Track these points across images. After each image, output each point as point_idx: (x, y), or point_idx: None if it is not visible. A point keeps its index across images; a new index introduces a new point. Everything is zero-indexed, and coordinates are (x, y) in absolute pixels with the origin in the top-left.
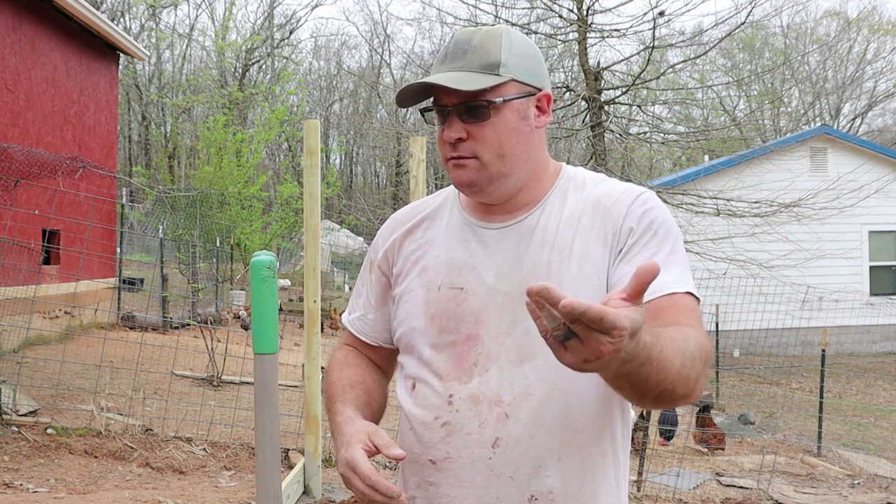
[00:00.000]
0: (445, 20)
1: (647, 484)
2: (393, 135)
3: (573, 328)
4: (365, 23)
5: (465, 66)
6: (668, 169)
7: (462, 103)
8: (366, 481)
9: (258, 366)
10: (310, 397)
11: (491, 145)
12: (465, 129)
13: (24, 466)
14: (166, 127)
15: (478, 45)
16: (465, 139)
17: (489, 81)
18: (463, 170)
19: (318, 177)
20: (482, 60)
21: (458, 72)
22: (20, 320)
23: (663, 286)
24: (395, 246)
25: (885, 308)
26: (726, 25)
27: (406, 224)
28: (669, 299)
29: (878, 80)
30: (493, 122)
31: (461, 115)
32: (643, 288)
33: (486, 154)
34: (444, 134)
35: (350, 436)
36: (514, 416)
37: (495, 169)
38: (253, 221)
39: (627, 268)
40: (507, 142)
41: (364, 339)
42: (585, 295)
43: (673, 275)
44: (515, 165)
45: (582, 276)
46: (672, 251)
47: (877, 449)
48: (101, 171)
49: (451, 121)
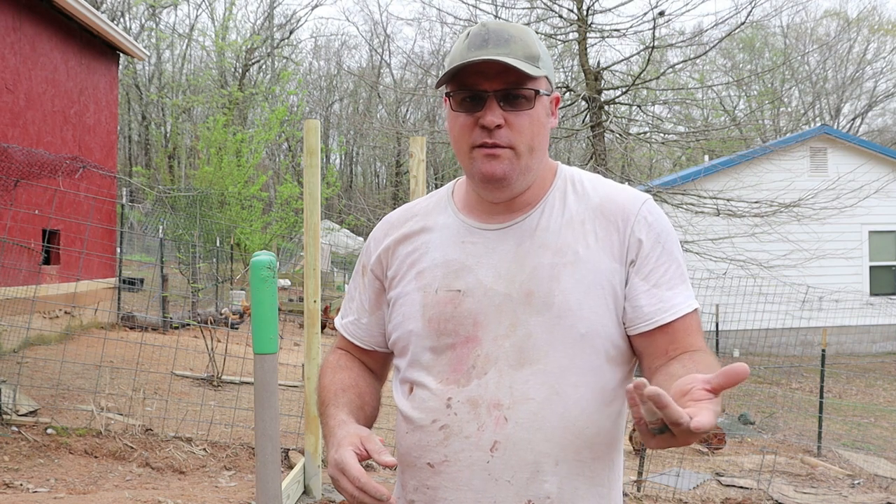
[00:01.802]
0: (445, 20)
1: (647, 484)
2: (393, 135)
3: (671, 427)
4: (365, 23)
5: (511, 53)
6: (668, 169)
7: (504, 90)
8: (355, 483)
9: (258, 366)
10: (310, 397)
11: (526, 136)
12: (503, 117)
13: (24, 466)
14: (166, 127)
15: (517, 36)
16: (503, 126)
17: (536, 72)
18: (497, 161)
19: (318, 177)
20: (525, 51)
21: (505, 58)
22: (20, 320)
23: (678, 307)
24: (389, 249)
25: (885, 308)
26: (726, 25)
27: (400, 227)
28: (683, 322)
29: (878, 80)
30: (530, 112)
31: (500, 102)
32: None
33: (521, 145)
34: (486, 119)
35: (341, 438)
36: (514, 420)
37: (524, 162)
38: (253, 221)
39: (641, 284)
40: (537, 134)
41: (358, 343)
42: (588, 301)
43: (683, 294)
44: (538, 161)
45: (585, 282)
46: (679, 264)
47: (877, 449)
48: (101, 171)
49: (490, 106)
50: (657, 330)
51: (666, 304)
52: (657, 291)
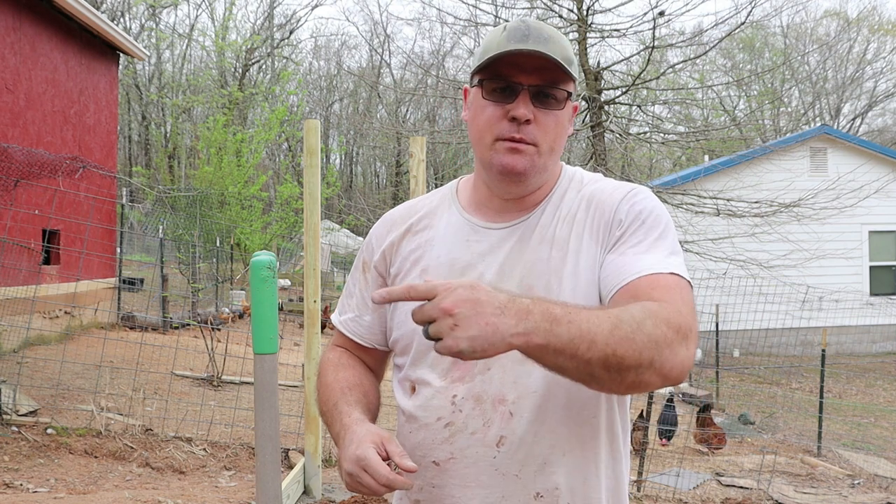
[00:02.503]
0: (445, 20)
1: (647, 484)
2: (393, 135)
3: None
4: (365, 23)
5: (551, 51)
6: (668, 169)
7: (539, 86)
8: (381, 480)
9: (258, 366)
10: (310, 397)
11: (550, 135)
12: (533, 113)
13: (24, 466)
14: (166, 127)
15: (556, 37)
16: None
17: (573, 73)
18: (520, 155)
19: (318, 177)
20: (563, 53)
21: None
22: (20, 320)
23: (642, 268)
24: (393, 246)
25: (885, 308)
26: (726, 25)
27: (403, 224)
28: (648, 279)
29: (878, 80)
30: (558, 113)
31: (533, 98)
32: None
33: (544, 143)
34: (518, 111)
35: (362, 436)
36: (519, 414)
37: (543, 161)
38: (253, 221)
39: (612, 256)
40: (559, 136)
41: (358, 340)
42: (580, 290)
43: (656, 258)
44: (554, 162)
45: (577, 271)
46: (660, 238)
47: (877, 449)
48: (101, 171)
49: (522, 99)
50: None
51: (629, 269)
52: (621, 259)
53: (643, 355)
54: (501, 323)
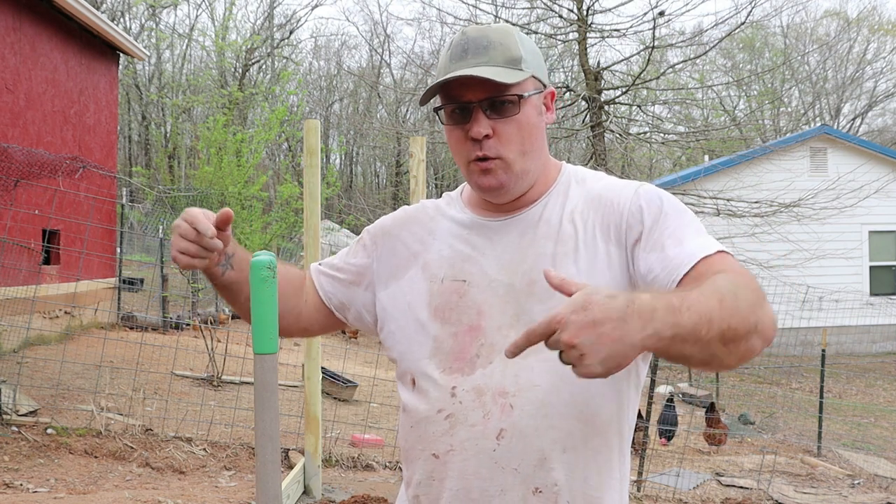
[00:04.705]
0: (445, 20)
1: (647, 484)
2: (393, 135)
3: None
4: (365, 23)
5: (490, 60)
6: (668, 169)
7: (488, 99)
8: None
9: (258, 366)
10: (310, 397)
11: (514, 143)
12: (490, 126)
13: (24, 466)
14: (166, 127)
15: (497, 40)
16: (491, 136)
17: (518, 76)
18: (491, 175)
19: (318, 177)
20: (506, 56)
21: (485, 66)
22: (20, 320)
23: (692, 255)
24: (393, 236)
25: (885, 308)
26: (726, 25)
27: (409, 219)
28: (703, 264)
29: (878, 80)
30: (517, 118)
31: (486, 111)
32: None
33: (510, 153)
34: (473, 130)
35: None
36: (520, 408)
37: (519, 167)
38: (253, 221)
39: (652, 255)
40: (528, 138)
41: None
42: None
43: (696, 242)
44: (534, 161)
45: (586, 269)
46: (688, 224)
47: (877, 449)
48: (101, 171)
49: (476, 117)
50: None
51: (678, 260)
52: (664, 254)
53: (749, 321)
54: (626, 332)
